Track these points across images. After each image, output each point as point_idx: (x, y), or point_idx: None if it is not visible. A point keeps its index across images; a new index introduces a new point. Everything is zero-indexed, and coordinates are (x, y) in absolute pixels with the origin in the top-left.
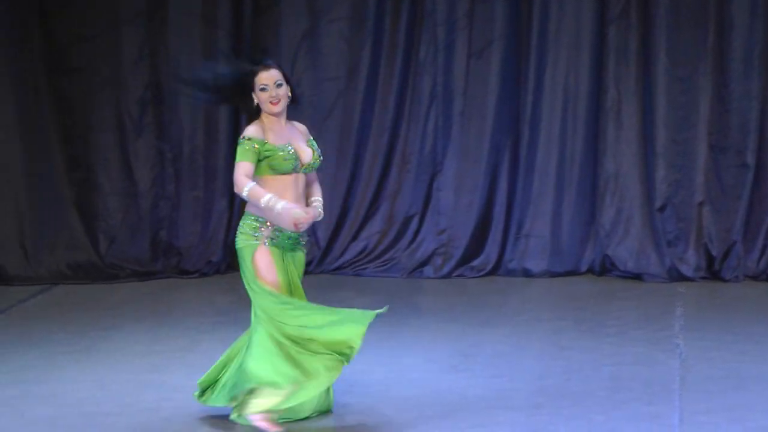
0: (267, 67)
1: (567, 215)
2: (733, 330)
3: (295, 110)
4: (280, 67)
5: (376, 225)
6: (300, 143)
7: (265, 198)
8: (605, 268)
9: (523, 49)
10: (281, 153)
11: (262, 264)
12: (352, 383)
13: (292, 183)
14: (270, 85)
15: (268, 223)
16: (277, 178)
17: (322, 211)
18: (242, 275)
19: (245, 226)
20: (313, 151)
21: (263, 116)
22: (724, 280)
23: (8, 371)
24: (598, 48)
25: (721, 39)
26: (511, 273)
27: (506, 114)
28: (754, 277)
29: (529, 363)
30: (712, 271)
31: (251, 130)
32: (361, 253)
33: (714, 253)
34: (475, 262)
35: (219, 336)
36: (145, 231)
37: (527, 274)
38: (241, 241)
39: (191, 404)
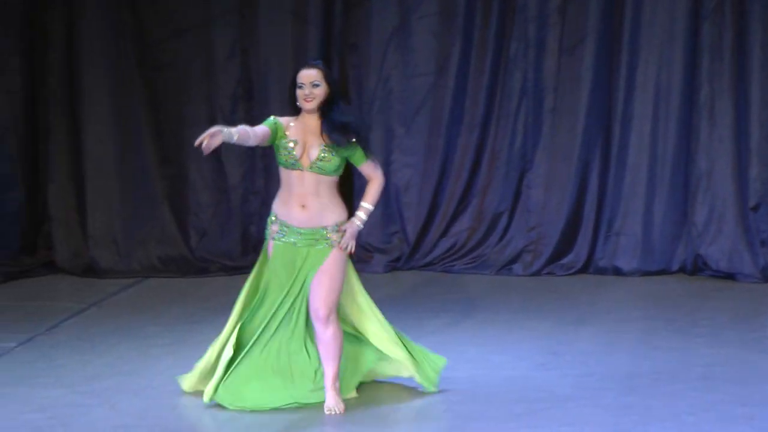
0: (309, 66)
1: (658, 213)
2: None
3: (384, 105)
4: (324, 70)
5: (465, 221)
6: (314, 143)
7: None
8: (697, 268)
9: (615, 45)
10: (283, 146)
11: (271, 259)
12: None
13: (296, 180)
14: (306, 84)
15: (277, 219)
16: (284, 171)
17: (359, 224)
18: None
19: (267, 221)
20: (318, 154)
21: (302, 112)
22: None
23: (103, 363)
24: (692, 44)
25: None
26: (601, 271)
27: (597, 111)
28: None
29: (619, 362)
30: None
31: (284, 118)
32: (450, 249)
33: None
34: (565, 260)
35: None
36: (235, 225)
37: (618, 272)
38: (266, 234)
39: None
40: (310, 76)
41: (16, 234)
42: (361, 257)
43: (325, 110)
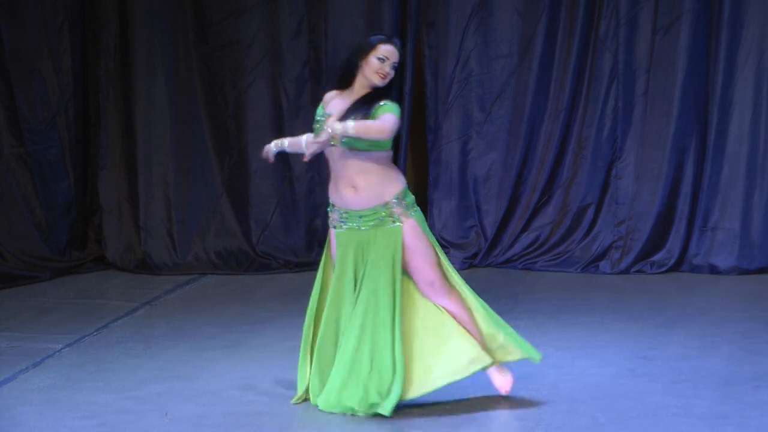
0: (392, 43)
1: (759, 207)
2: None
3: (463, 89)
4: (402, 56)
5: (548, 215)
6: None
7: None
8: None
9: (714, 23)
10: (318, 121)
11: (336, 249)
12: (519, 387)
13: (339, 160)
14: (389, 59)
15: (334, 206)
16: (326, 153)
17: (331, 130)
18: None
19: None
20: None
21: (354, 82)
22: None
23: (156, 366)
24: None
25: None
26: (696, 269)
27: (694, 95)
28: None
29: (715, 368)
30: None
31: (329, 93)
32: (531, 245)
33: None
34: (657, 257)
35: None
36: (299, 218)
37: (714, 270)
38: None
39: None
40: (394, 54)
41: (64, 227)
42: None
43: (382, 93)
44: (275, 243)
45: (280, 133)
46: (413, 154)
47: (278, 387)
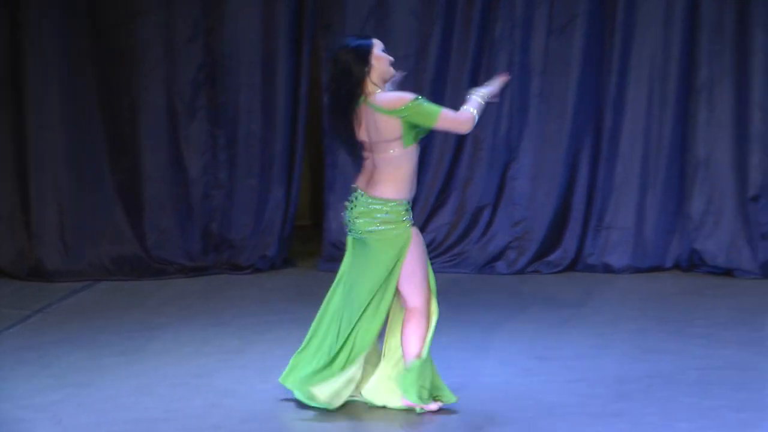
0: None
1: (652, 206)
2: None
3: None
4: None
5: (445, 216)
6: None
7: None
8: (693, 264)
9: (608, 25)
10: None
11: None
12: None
13: (416, 156)
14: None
15: (408, 203)
16: (415, 149)
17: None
18: None
19: (393, 214)
20: None
21: (365, 85)
22: None
23: (51, 375)
24: (690, 23)
25: None
26: (590, 268)
27: (588, 96)
28: None
29: (610, 366)
30: None
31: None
32: (428, 246)
33: None
34: (552, 257)
35: (274, 337)
36: (195, 223)
37: (608, 269)
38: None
39: (242, 410)
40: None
41: None
42: (332, 256)
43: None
44: (170, 248)
45: (176, 138)
46: (309, 156)
47: (175, 392)
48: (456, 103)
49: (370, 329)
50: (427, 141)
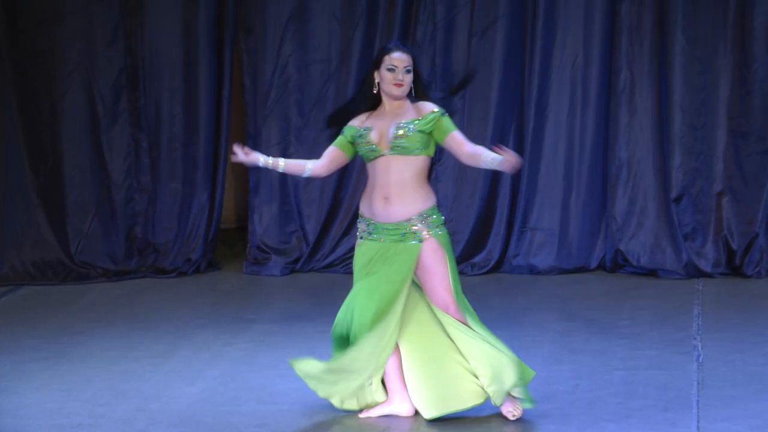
0: (400, 49)
1: (576, 207)
2: (756, 330)
3: (281, 94)
4: (414, 57)
5: None
6: (390, 126)
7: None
8: (617, 264)
9: (529, 27)
10: (359, 136)
11: (356, 260)
12: None
13: (381, 170)
14: (399, 67)
15: (363, 218)
16: (369, 167)
17: (494, 157)
18: None
19: None
20: (396, 129)
21: (382, 97)
22: (745, 276)
23: None
24: (610, 26)
25: (743, 15)
26: (515, 270)
27: (510, 98)
28: None
29: (536, 368)
30: (733, 267)
31: (357, 120)
32: (353, 249)
33: (734, 246)
34: (477, 258)
35: (199, 340)
36: (118, 227)
37: (533, 270)
38: None
39: (169, 415)
40: (403, 61)
41: None
42: (257, 259)
43: (418, 96)
44: (94, 252)
45: (97, 141)
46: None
47: (100, 397)
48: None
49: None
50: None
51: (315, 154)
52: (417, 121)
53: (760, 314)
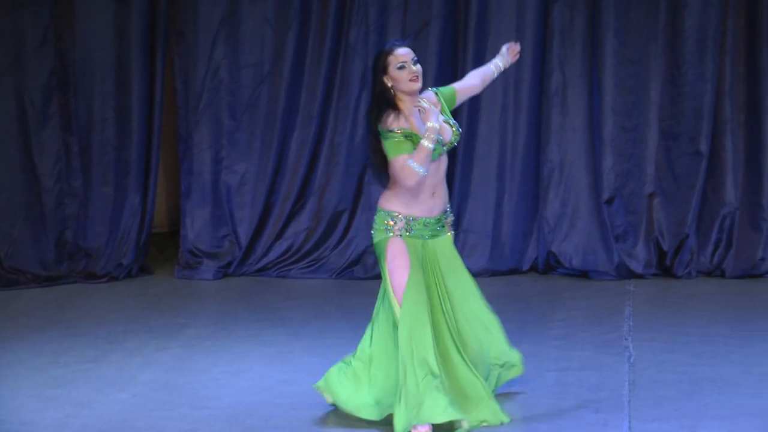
0: (401, 45)
1: (508, 209)
2: (686, 330)
3: (214, 98)
4: (412, 47)
5: (302, 222)
6: (438, 121)
7: (423, 145)
8: (550, 266)
9: (462, 30)
10: (394, 133)
11: (393, 252)
12: (277, 394)
13: (434, 170)
14: (408, 61)
15: (400, 215)
16: None
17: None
18: (381, 274)
19: (378, 222)
20: (451, 126)
21: (399, 102)
22: (676, 277)
23: None
24: (542, 28)
25: (674, 18)
26: None
27: None
28: (708, 273)
29: None
30: (664, 267)
31: (394, 121)
32: (285, 252)
33: (665, 247)
34: None
35: (131, 345)
36: (49, 231)
37: None
38: (376, 236)
39: (100, 420)
40: (408, 54)
41: None
42: (189, 263)
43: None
44: (23, 257)
45: (27, 144)
46: (165, 164)
47: (30, 404)
48: (310, 111)
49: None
50: (282, 147)
51: (248, 157)
52: (447, 115)
53: (690, 315)
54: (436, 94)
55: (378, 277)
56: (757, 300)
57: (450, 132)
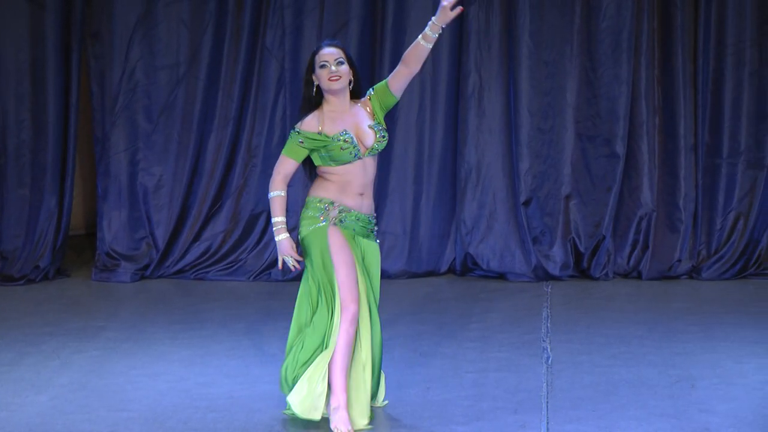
0: (328, 45)
1: (425, 210)
2: (603, 332)
3: (129, 99)
4: (344, 49)
5: (219, 224)
6: (363, 125)
7: (275, 220)
8: (467, 268)
9: (378, 31)
10: (337, 143)
11: (334, 242)
12: (195, 396)
13: (359, 171)
14: (330, 61)
15: (335, 203)
16: (339, 168)
17: (427, 33)
18: (306, 268)
19: (309, 209)
20: (375, 132)
21: (324, 103)
22: (593, 278)
23: None
24: (458, 30)
25: (589, 20)
26: None
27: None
28: (625, 275)
29: (387, 371)
30: (581, 269)
31: (305, 122)
32: (203, 254)
33: (582, 249)
34: None
35: (48, 348)
36: None
37: (383, 275)
38: (305, 228)
39: (17, 423)
40: (332, 54)
41: None
42: (106, 266)
43: (356, 92)
44: None
45: None
46: (81, 166)
47: None
48: (227, 113)
49: None
50: (199, 149)
51: (164, 159)
52: (376, 120)
53: (607, 316)
54: (370, 95)
55: (297, 279)
56: (673, 301)
57: (372, 137)
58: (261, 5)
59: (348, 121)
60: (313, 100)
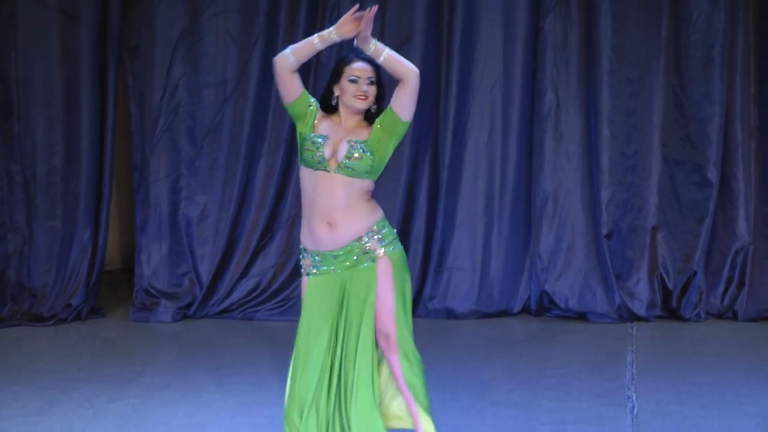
0: (362, 60)
1: (497, 244)
2: (694, 379)
3: (171, 121)
4: (378, 68)
5: (270, 258)
6: (344, 141)
7: (310, 39)
8: (543, 307)
9: (445, 46)
10: (309, 141)
11: (306, 298)
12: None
13: (325, 190)
14: (363, 78)
15: (307, 251)
16: (308, 175)
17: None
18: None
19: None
20: (351, 149)
21: (339, 111)
22: (683, 319)
23: None
24: (533, 44)
25: (677, 33)
26: (431, 314)
27: (425, 124)
28: (719, 315)
29: (454, 422)
30: (669, 309)
31: (316, 126)
32: (251, 292)
33: (671, 286)
34: None
35: (81, 395)
36: None
37: (451, 315)
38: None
39: None
40: (366, 71)
41: None
42: (144, 304)
43: (372, 116)
44: None
45: None
46: (118, 195)
47: None
48: (278, 135)
49: None
50: (248, 174)
51: (209, 187)
52: (365, 140)
53: (698, 361)
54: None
55: None
56: None
57: (344, 152)
58: (315, 18)
59: (338, 133)
60: (332, 109)
